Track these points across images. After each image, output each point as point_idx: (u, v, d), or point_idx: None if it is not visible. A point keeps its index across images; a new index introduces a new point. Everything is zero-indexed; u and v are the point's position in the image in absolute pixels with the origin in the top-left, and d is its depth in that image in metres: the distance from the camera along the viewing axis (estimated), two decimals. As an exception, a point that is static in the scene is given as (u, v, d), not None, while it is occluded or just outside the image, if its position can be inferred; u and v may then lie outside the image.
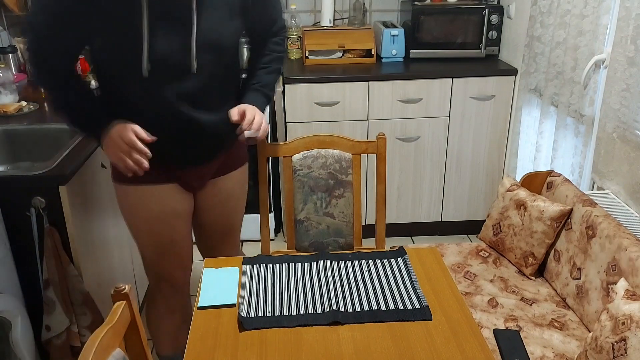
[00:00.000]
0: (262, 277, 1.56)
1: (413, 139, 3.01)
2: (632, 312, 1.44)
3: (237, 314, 1.41)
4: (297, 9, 3.22)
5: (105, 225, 2.14)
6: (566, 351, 1.73)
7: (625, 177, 2.05)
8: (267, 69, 1.78)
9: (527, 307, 1.94)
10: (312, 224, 2.05)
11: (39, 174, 1.74)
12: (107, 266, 2.16)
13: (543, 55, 2.52)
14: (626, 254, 1.67)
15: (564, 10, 2.32)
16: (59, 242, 1.79)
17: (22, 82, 2.61)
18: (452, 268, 2.17)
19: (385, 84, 2.89)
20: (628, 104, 1.98)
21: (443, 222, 3.24)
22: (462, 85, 2.92)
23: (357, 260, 1.64)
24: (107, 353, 1.07)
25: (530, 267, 2.10)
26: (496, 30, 3.01)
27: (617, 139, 2.07)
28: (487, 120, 3.00)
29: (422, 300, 1.45)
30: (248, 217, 3.09)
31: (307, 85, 2.87)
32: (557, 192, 2.11)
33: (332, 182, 2.02)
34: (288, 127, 2.94)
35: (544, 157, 2.63)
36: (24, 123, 2.19)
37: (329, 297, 1.46)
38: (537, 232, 2.05)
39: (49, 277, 1.78)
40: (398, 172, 3.08)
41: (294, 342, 1.33)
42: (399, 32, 3.04)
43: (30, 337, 1.84)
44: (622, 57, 1.99)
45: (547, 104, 2.52)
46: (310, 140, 2.01)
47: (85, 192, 1.95)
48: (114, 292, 1.16)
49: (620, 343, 1.43)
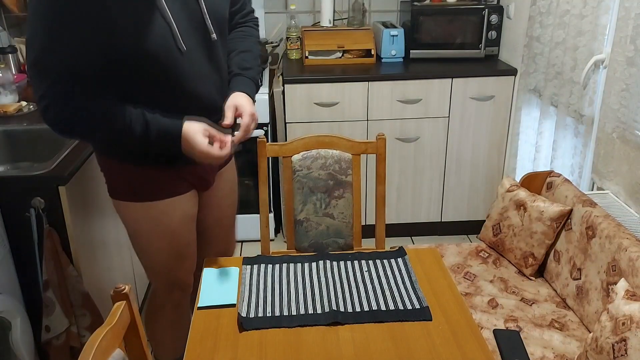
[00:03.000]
0: (262, 277, 1.56)
1: (413, 140, 3.01)
2: (632, 312, 1.44)
3: (237, 314, 1.41)
4: (297, 9, 3.22)
5: (105, 225, 2.14)
6: (566, 352, 1.73)
7: (625, 177, 2.05)
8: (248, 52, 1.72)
9: (527, 307, 1.94)
10: (311, 225, 2.05)
11: (38, 175, 1.74)
12: (107, 267, 2.16)
13: (542, 55, 2.52)
14: (626, 254, 1.67)
15: (563, 11, 2.32)
16: (58, 243, 1.78)
17: (22, 82, 2.60)
18: (452, 268, 2.17)
19: (385, 84, 2.89)
20: (627, 104, 1.98)
21: (443, 222, 3.24)
22: (462, 85, 2.92)
23: (357, 261, 1.64)
24: (107, 354, 1.07)
25: (530, 267, 2.10)
26: (496, 31, 3.01)
27: (616, 139, 2.07)
28: (486, 121, 3.00)
29: (422, 301, 1.45)
30: (248, 217, 3.12)
31: (307, 86, 2.87)
32: (557, 192, 2.11)
33: (332, 183, 2.02)
34: (288, 127, 2.94)
35: (543, 158, 2.63)
36: (24, 123, 2.18)
37: (328, 298, 1.46)
38: (537, 232, 2.05)
39: (49, 278, 1.78)
40: (398, 173, 3.08)
41: (294, 342, 1.33)
42: (399, 33, 3.05)
43: (30, 337, 1.84)
44: (621, 57, 1.99)
45: (547, 104, 2.52)
46: (310, 141, 2.01)
47: (85, 192, 1.95)
48: (113, 292, 1.16)
49: (620, 343, 1.42)
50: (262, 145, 1.99)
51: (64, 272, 1.81)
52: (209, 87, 1.53)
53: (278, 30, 3.33)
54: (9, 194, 1.75)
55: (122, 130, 1.40)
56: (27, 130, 2.16)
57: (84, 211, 1.93)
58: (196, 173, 1.65)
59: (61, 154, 1.86)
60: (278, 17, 3.32)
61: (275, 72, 3.36)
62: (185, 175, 1.62)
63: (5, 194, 1.75)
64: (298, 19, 3.21)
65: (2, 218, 1.76)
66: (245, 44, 1.74)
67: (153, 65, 1.40)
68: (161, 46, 1.39)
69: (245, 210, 3.11)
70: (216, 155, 1.44)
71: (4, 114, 2.24)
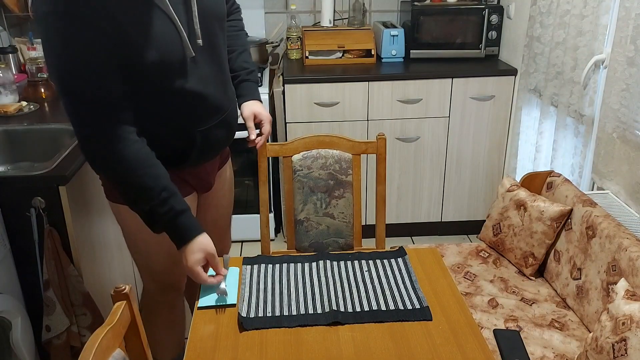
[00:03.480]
0: (262, 277, 1.56)
1: (413, 139, 3.01)
2: (632, 312, 1.44)
3: (237, 314, 1.41)
4: (297, 9, 3.22)
5: (106, 225, 2.14)
6: (566, 351, 1.73)
7: (625, 177, 2.05)
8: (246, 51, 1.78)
9: (527, 307, 1.94)
10: (312, 224, 2.05)
11: (39, 174, 1.74)
12: (107, 266, 2.16)
13: (543, 55, 2.52)
14: (626, 254, 1.67)
15: (563, 11, 2.32)
16: (59, 243, 1.78)
17: (22, 82, 2.61)
18: (452, 268, 2.17)
19: (385, 84, 2.89)
20: (628, 104, 1.98)
21: (443, 222, 3.24)
22: (462, 85, 2.92)
23: (357, 261, 1.64)
24: (107, 353, 1.07)
25: (530, 267, 2.10)
26: (496, 31, 3.01)
27: (617, 139, 2.07)
28: (487, 121, 3.00)
29: (422, 301, 1.45)
30: (248, 217, 3.12)
31: (307, 86, 2.87)
32: (557, 192, 2.11)
33: (332, 183, 2.02)
34: (288, 127, 2.95)
35: (543, 157, 2.63)
36: (24, 123, 2.18)
37: (329, 298, 1.46)
38: (537, 232, 2.05)
39: (49, 278, 1.78)
40: (398, 173, 3.08)
41: (294, 342, 1.33)
42: (399, 33, 3.05)
43: (30, 337, 1.84)
44: (621, 57, 1.99)
45: (547, 104, 2.52)
46: (310, 141, 2.01)
47: (85, 192, 1.95)
48: (114, 292, 1.16)
49: (620, 343, 1.43)
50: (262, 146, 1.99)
51: (64, 271, 1.81)
52: (214, 88, 1.54)
53: (278, 30, 3.33)
54: (10, 194, 1.75)
55: (148, 201, 1.40)
56: (27, 130, 2.16)
57: (84, 211, 1.93)
58: (198, 174, 1.65)
59: (61, 153, 1.86)
60: (278, 17, 3.32)
61: (275, 72, 3.36)
62: (187, 177, 1.62)
63: (6, 194, 1.75)
64: (298, 18, 3.21)
65: (3, 218, 1.76)
66: (240, 41, 1.77)
67: (162, 71, 1.41)
68: (171, 53, 1.40)
69: (245, 210, 3.13)
70: (201, 281, 1.45)
71: (4, 114, 2.24)
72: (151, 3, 1.35)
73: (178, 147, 1.54)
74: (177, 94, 1.46)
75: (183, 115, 1.49)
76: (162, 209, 1.41)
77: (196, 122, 1.52)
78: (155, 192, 1.40)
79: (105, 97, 1.33)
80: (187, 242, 1.44)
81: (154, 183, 1.40)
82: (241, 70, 1.74)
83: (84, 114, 1.34)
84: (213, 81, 1.54)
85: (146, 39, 1.34)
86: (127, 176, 1.39)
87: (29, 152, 2.15)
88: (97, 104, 1.33)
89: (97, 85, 1.31)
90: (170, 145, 1.53)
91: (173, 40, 1.39)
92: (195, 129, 1.52)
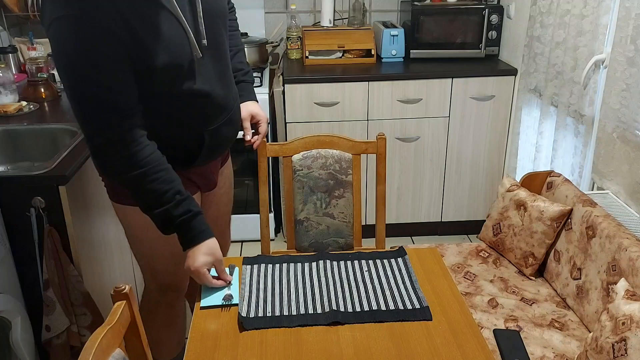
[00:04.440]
0: (262, 277, 1.56)
1: (413, 139, 3.01)
2: (632, 312, 1.44)
3: (237, 314, 1.41)
4: (297, 9, 3.22)
5: (106, 225, 2.14)
6: (566, 351, 1.73)
7: (625, 177, 2.05)
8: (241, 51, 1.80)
9: (527, 307, 1.94)
10: (312, 224, 2.05)
11: (39, 174, 1.74)
12: (107, 266, 2.16)
13: (543, 55, 2.52)
14: (626, 254, 1.67)
15: (563, 10, 2.32)
16: (58, 243, 1.78)
17: (22, 82, 2.61)
18: (452, 268, 2.17)
19: (385, 84, 2.89)
20: (628, 104, 1.98)
21: (443, 222, 3.24)
22: (462, 85, 2.92)
23: (357, 261, 1.64)
24: (107, 353, 1.07)
25: (530, 267, 2.10)
26: (496, 31, 3.01)
27: (617, 139, 2.07)
28: (487, 121, 3.00)
29: (422, 301, 1.45)
30: (248, 217, 3.12)
31: (307, 86, 2.87)
32: (557, 192, 2.11)
33: (332, 183, 2.02)
34: (288, 127, 2.94)
35: (543, 157, 2.63)
36: (24, 123, 2.18)
37: (329, 297, 1.46)
38: (537, 232, 2.05)
39: (49, 278, 1.78)
40: (398, 172, 3.08)
41: (294, 342, 1.33)
42: (399, 32, 3.05)
43: (30, 337, 1.84)
44: (622, 57, 1.99)
45: (547, 104, 2.52)
46: (310, 141, 2.01)
47: (86, 192, 1.95)
48: (114, 292, 1.16)
49: (620, 343, 1.43)
50: (262, 145, 1.99)
51: (64, 271, 1.81)
52: (220, 87, 1.55)
53: (278, 30, 3.33)
54: (10, 194, 1.75)
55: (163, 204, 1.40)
56: (27, 130, 2.16)
57: (84, 211, 1.93)
58: (203, 173, 1.66)
59: (61, 153, 1.86)
60: (278, 17, 3.32)
61: (275, 72, 3.36)
62: (193, 176, 1.62)
63: (6, 194, 1.75)
64: (298, 18, 3.21)
65: (3, 218, 1.76)
66: (236, 41, 1.78)
67: (172, 74, 1.41)
68: (181, 55, 1.40)
69: (245, 210, 3.13)
70: (206, 282, 1.47)
71: (4, 114, 2.24)
72: (160, 5, 1.35)
73: (188, 147, 1.55)
74: (186, 95, 1.46)
75: (192, 116, 1.50)
76: (176, 211, 1.41)
77: (205, 122, 1.53)
78: (170, 194, 1.40)
79: (120, 100, 1.33)
80: (197, 244, 1.44)
81: (168, 186, 1.40)
82: (237, 71, 1.76)
83: (98, 120, 1.33)
84: (219, 80, 1.54)
85: (157, 42, 1.35)
86: (142, 180, 1.39)
87: (29, 152, 2.15)
88: (113, 108, 1.33)
89: (112, 89, 1.31)
90: (180, 146, 1.53)
91: (182, 42, 1.40)
92: (204, 128, 1.53)
